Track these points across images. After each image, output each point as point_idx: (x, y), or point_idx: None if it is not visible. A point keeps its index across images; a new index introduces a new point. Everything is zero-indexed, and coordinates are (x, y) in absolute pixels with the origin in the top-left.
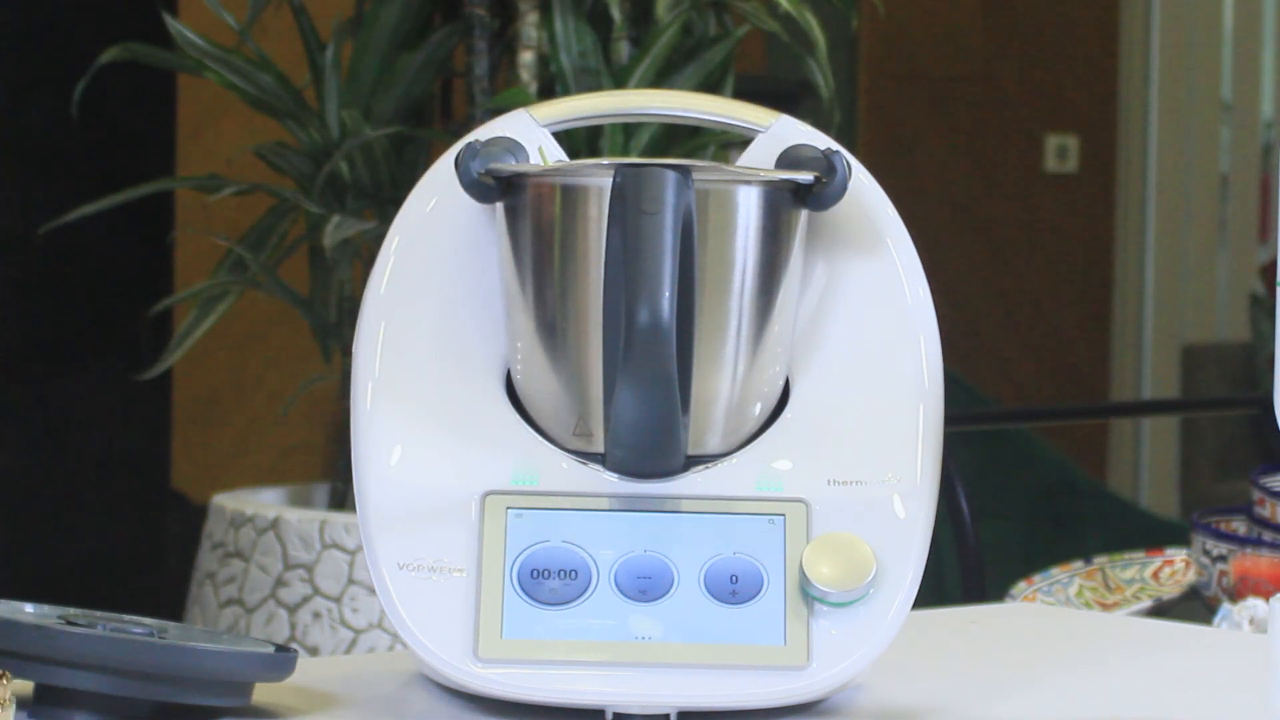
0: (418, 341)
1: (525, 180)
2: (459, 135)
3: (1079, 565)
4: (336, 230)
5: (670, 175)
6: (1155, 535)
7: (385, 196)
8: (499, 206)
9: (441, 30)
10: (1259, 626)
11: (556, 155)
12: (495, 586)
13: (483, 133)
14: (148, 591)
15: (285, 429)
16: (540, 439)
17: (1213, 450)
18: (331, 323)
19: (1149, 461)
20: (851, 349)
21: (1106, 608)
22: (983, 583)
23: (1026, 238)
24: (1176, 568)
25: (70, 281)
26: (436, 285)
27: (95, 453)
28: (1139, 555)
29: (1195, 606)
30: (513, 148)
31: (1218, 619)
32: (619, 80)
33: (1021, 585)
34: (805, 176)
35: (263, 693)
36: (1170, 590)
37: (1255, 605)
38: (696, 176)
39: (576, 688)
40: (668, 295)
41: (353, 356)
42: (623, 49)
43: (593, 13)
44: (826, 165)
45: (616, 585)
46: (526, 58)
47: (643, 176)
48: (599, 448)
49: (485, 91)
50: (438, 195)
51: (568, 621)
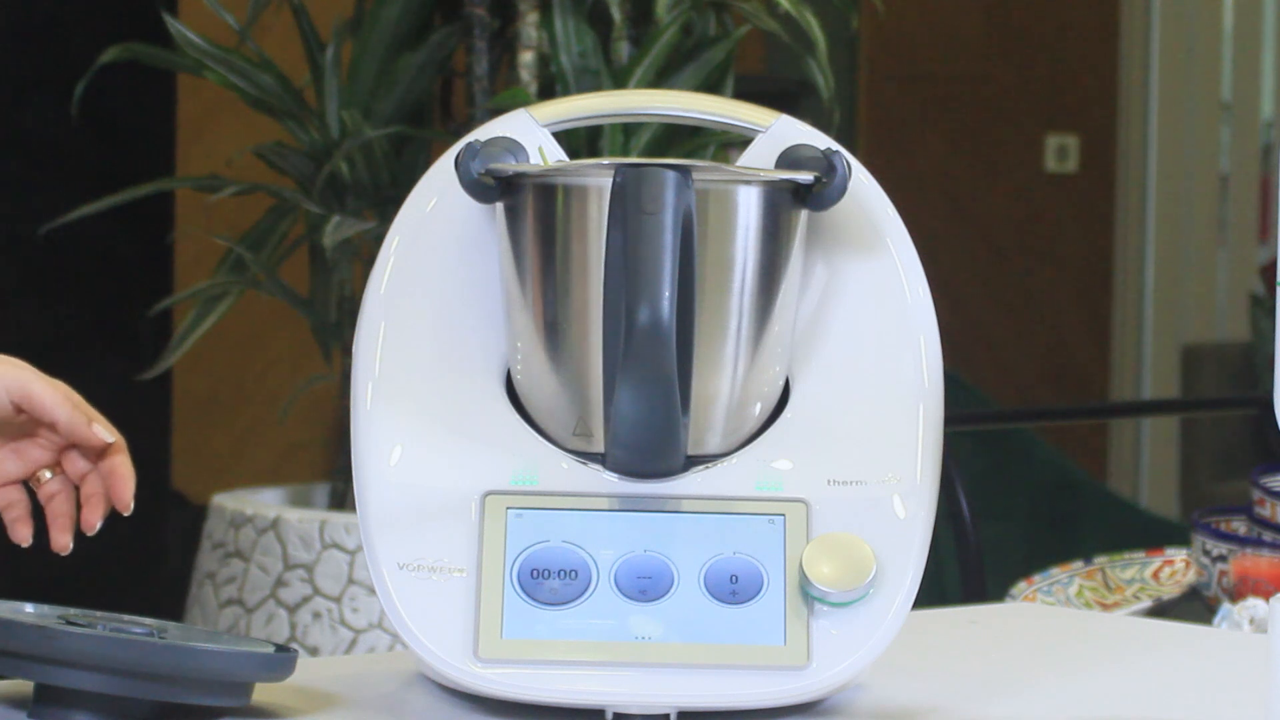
0: (418, 341)
1: (525, 180)
2: (459, 135)
3: (1079, 565)
4: (336, 230)
5: (670, 175)
6: (1155, 535)
7: (385, 196)
8: (499, 206)
9: (441, 30)
10: (1259, 626)
11: (556, 155)
12: (495, 586)
13: (483, 133)
14: (148, 591)
15: (285, 429)
16: (540, 439)
17: (1213, 450)
18: (331, 323)
19: (1149, 461)
20: (851, 349)
21: (1106, 608)
22: (983, 583)
23: (1026, 238)
24: (1176, 568)
25: (70, 281)
26: (436, 285)
27: None
28: (1139, 555)
29: (1195, 606)
30: (513, 148)
31: (1218, 619)
32: (619, 80)
33: (1021, 585)
34: (805, 176)
35: (263, 693)
36: (1170, 590)
37: (1255, 605)
38: (696, 176)
39: (576, 688)
40: (668, 295)
41: (353, 356)
42: (623, 49)
43: (593, 13)
44: (826, 165)
45: (616, 585)
46: (526, 58)
47: (643, 176)
48: (599, 448)
49: (485, 91)
50: (438, 195)
51: (568, 621)
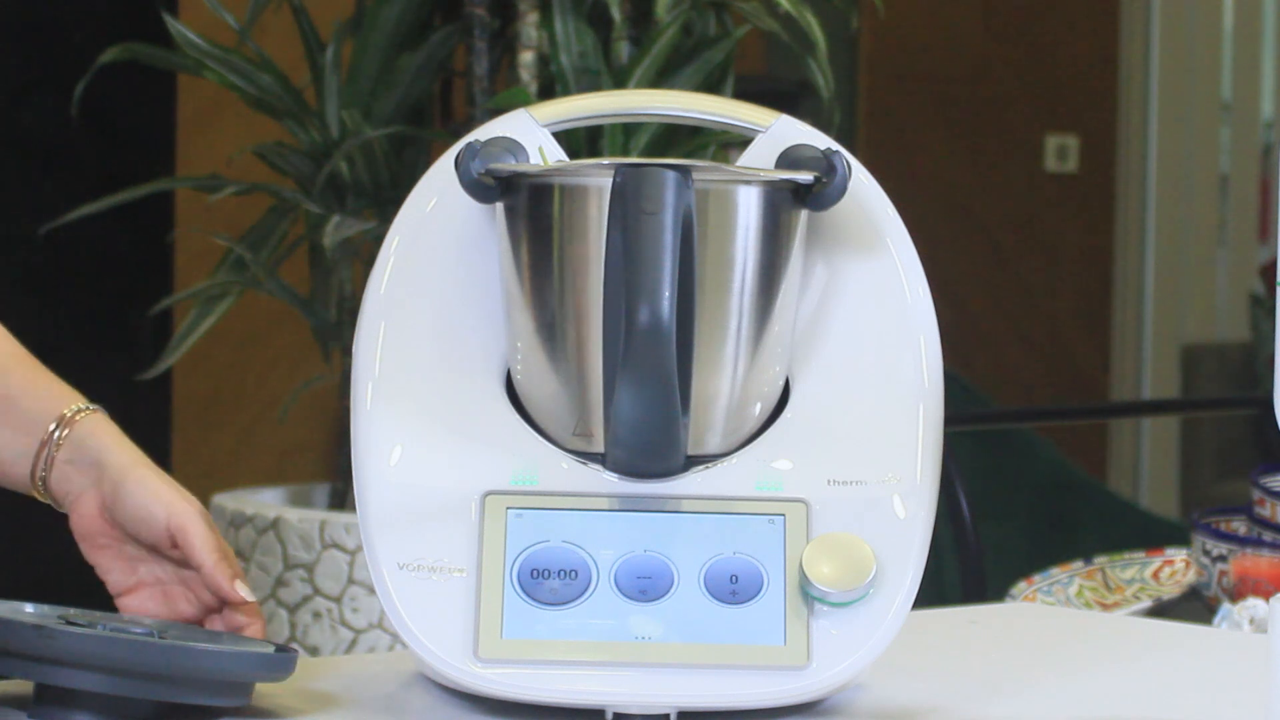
0: (418, 341)
1: (525, 180)
2: (459, 135)
3: (1079, 565)
4: (336, 230)
5: (670, 175)
6: (1155, 535)
7: (385, 196)
8: (499, 206)
9: (441, 30)
10: (1259, 626)
11: (556, 155)
12: (495, 586)
13: (483, 133)
14: None
15: (285, 429)
16: (540, 439)
17: (1213, 450)
18: (331, 323)
19: (1149, 461)
20: (851, 349)
21: (1106, 608)
22: (983, 583)
23: (1026, 238)
24: (1176, 568)
25: (71, 281)
26: (436, 285)
27: None
28: (1139, 555)
29: (1195, 606)
30: (513, 148)
31: (1218, 619)
32: (619, 80)
33: (1021, 585)
34: (805, 176)
35: (263, 693)
36: (1170, 590)
37: (1255, 605)
38: (696, 176)
39: (576, 688)
40: (668, 295)
41: (353, 356)
42: (623, 49)
43: (593, 13)
44: (826, 165)
45: (616, 585)
46: (526, 58)
47: (643, 176)
48: (599, 448)
49: (485, 91)
50: (438, 195)
51: (568, 621)
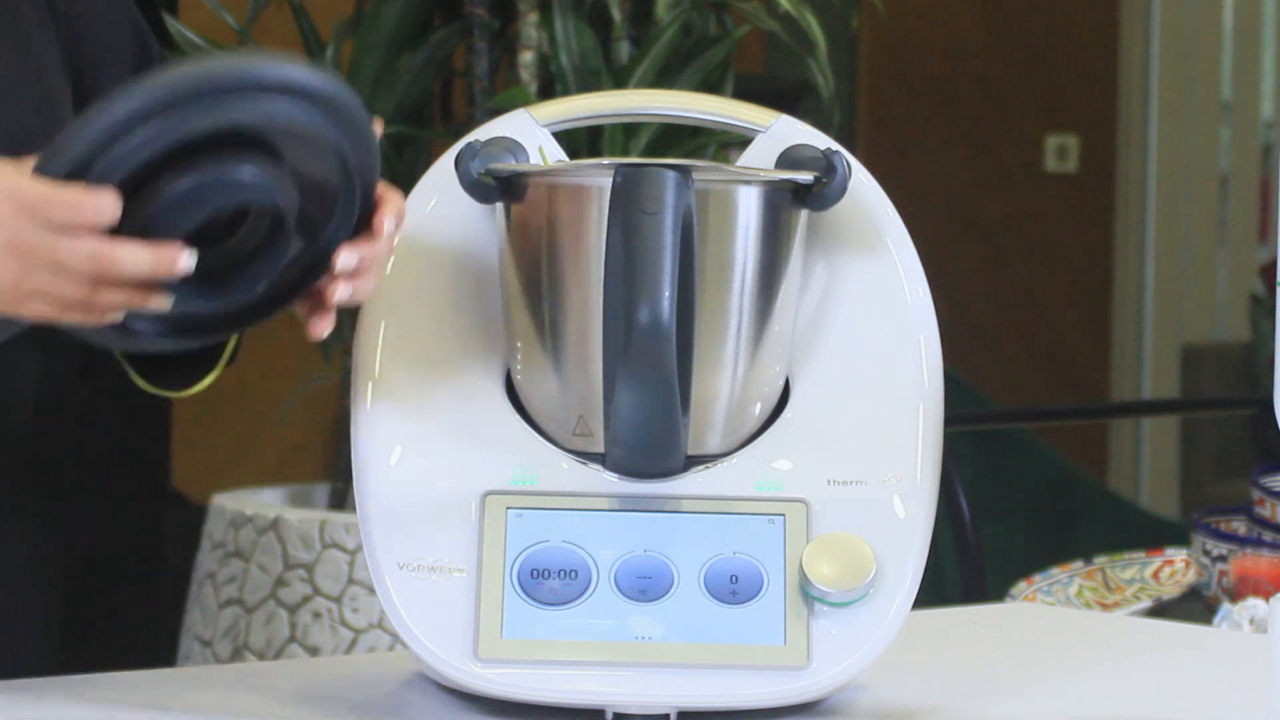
0: (418, 341)
1: (525, 180)
2: (459, 135)
3: (1079, 565)
4: None
5: (670, 175)
6: (1155, 535)
7: None
8: (499, 206)
9: (441, 30)
10: (1259, 626)
11: (556, 155)
12: (495, 586)
13: (483, 133)
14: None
15: (285, 429)
16: (540, 439)
17: (1213, 450)
18: None
19: (1149, 461)
20: (851, 349)
21: (1106, 608)
22: (983, 583)
23: (1026, 238)
24: (1176, 568)
25: None
26: (436, 285)
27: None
28: (1139, 555)
29: (1195, 606)
30: (513, 148)
31: (1218, 619)
32: (619, 80)
33: (1021, 585)
34: (805, 176)
35: (264, 692)
36: (1170, 590)
37: (1255, 605)
38: (696, 176)
39: (576, 688)
40: (668, 295)
41: (353, 356)
42: (623, 49)
43: (593, 13)
44: (826, 165)
45: (616, 585)
46: (526, 58)
47: (643, 176)
48: (599, 448)
49: (485, 91)
50: (438, 195)
51: (568, 621)
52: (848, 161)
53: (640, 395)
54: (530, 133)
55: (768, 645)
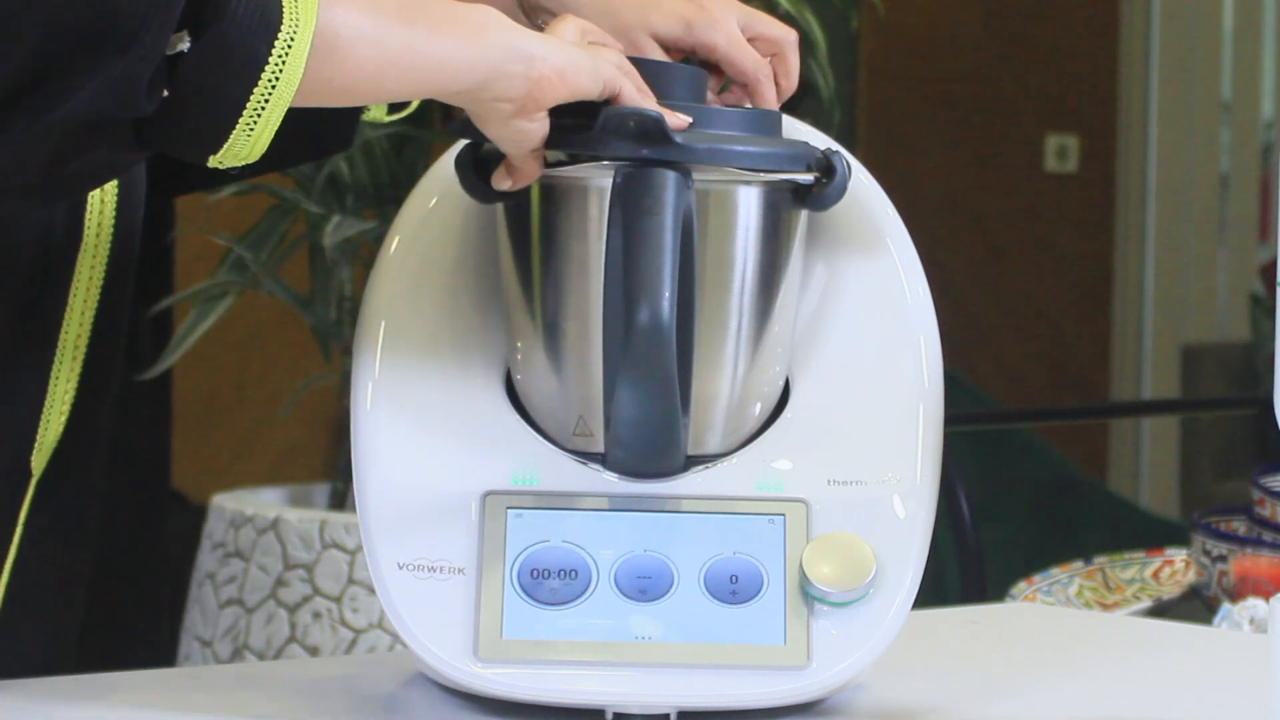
0: (418, 341)
1: None
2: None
3: (1079, 565)
4: (336, 230)
5: (670, 175)
6: (1155, 535)
7: (385, 196)
8: (499, 206)
9: None
10: (1259, 626)
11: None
12: (495, 586)
13: None
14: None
15: (285, 429)
16: (540, 439)
17: (1213, 450)
18: (331, 323)
19: (1149, 461)
20: (851, 349)
21: (1106, 608)
22: (983, 583)
23: (1026, 238)
24: (1176, 568)
25: None
26: (436, 285)
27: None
28: (1139, 555)
29: (1195, 606)
30: None
31: (1218, 619)
32: None
33: (1021, 585)
34: (805, 177)
35: (263, 693)
36: (1170, 590)
37: (1255, 605)
38: (696, 176)
39: (576, 688)
40: (668, 295)
41: (353, 356)
42: None
43: None
44: (826, 165)
45: (616, 585)
46: None
47: (643, 176)
48: (599, 448)
49: None
50: (438, 195)
51: (568, 621)
52: (848, 161)
53: (640, 395)
54: None
55: (768, 645)
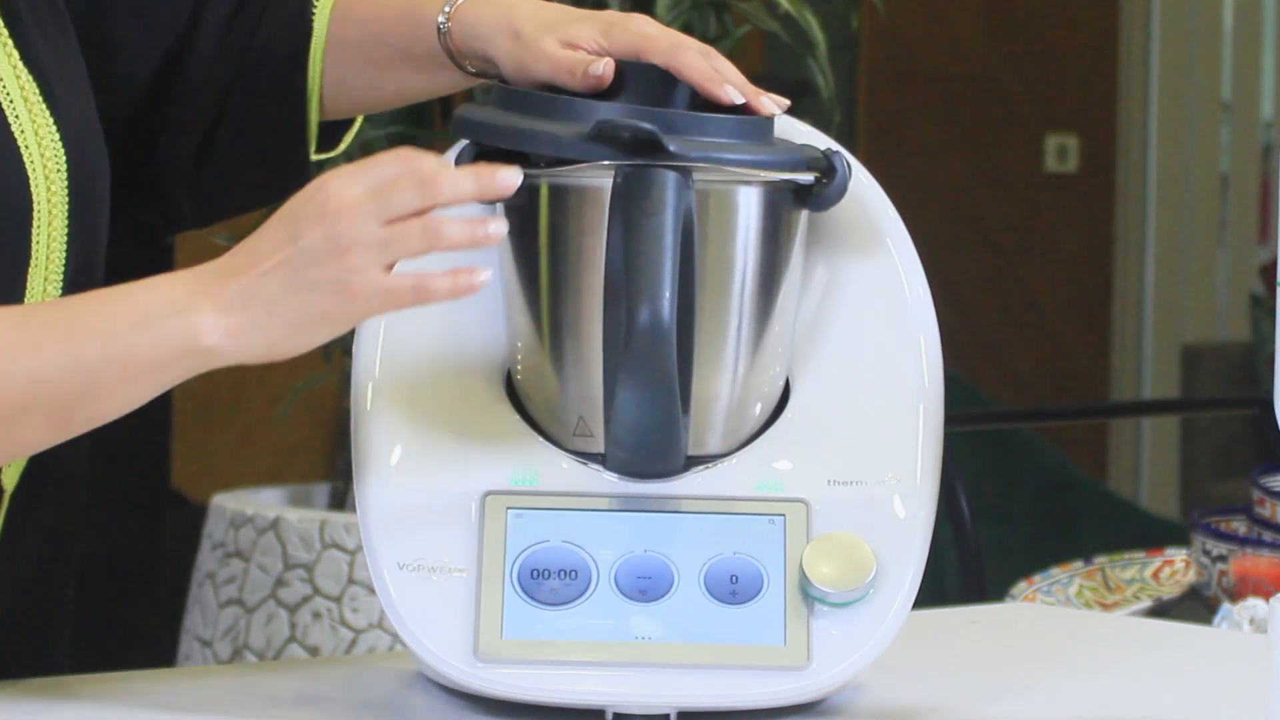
0: (418, 341)
1: (525, 180)
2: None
3: (1079, 565)
4: None
5: (671, 176)
6: (1155, 535)
7: None
8: (499, 206)
9: None
10: (1259, 626)
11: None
12: (495, 586)
13: None
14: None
15: (285, 429)
16: (540, 439)
17: (1213, 450)
18: None
19: (1149, 461)
20: (851, 349)
21: (1106, 608)
22: (983, 583)
23: (1026, 238)
24: (1176, 568)
25: None
26: None
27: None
28: (1139, 555)
29: (1195, 606)
30: None
31: (1218, 619)
32: None
33: (1021, 585)
34: (805, 177)
35: (263, 693)
36: (1170, 590)
37: (1255, 605)
38: (697, 177)
39: (576, 688)
40: (668, 296)
41: (353, 356)
42: None
43: None
44: (826, 165)
45: (616, 585)
46: None
47: (643, 177)
48: (599, 448)
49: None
50: None
51: (568, 621)
52: (848, 161)
53: (640, 395)
54: None
55: (768, 645)
